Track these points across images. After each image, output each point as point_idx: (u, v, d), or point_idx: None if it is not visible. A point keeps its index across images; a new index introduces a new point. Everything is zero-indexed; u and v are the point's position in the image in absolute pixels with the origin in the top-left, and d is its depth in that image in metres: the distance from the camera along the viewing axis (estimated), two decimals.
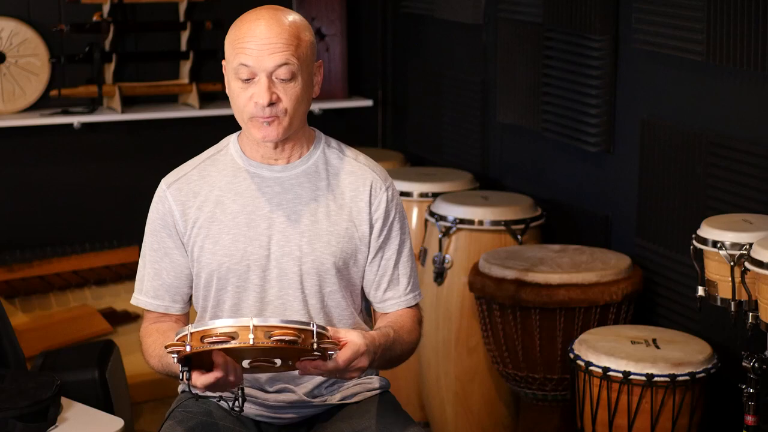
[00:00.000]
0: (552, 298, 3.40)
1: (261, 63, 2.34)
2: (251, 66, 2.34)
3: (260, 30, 2.34)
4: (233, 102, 2.42)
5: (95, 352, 3.67)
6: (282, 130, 2.39)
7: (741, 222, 2.93)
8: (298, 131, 2.47)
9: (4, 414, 2.90)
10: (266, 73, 2.34)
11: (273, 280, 2.47)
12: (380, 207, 2.51)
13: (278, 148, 2.48)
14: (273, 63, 2.34)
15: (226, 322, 2.15)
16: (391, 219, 2.52)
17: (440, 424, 3.91)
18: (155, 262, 2.52)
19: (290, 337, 2.13)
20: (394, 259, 2.53)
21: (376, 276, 2.53)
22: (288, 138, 2.46)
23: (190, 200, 2.49)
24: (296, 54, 2.35)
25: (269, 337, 2.13)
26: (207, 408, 2.52)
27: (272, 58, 2.34)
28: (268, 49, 2.33)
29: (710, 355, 3.12)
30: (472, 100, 4.43)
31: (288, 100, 2.37)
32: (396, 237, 2.53)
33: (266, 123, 2.38)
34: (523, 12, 4.05)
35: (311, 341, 2.16)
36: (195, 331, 2.15)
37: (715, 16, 3.19)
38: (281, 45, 2.34)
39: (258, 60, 2.34)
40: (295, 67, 2.35)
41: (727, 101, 3.27)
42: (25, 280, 4.47)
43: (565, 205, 3.99)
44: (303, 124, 2.48)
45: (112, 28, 4.49)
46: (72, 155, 4.60)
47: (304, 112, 2.43)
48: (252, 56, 2.34)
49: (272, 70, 2.34)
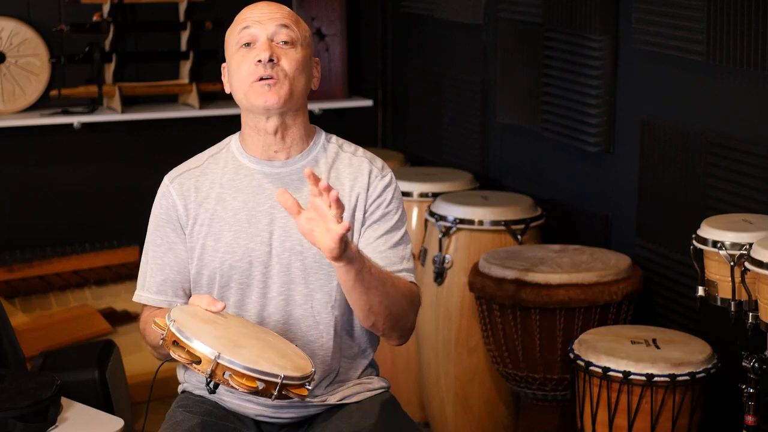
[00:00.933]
0: (552, 298, 3.40)
1: (262, 26, 2.46)
2: (253, 28, 2.46)
3: (261, 5, 2.51)
4: (235, 77, 2.47)
5: (95, 352, 3.67)
6: (283, 95, 2.43)
7: (741, 222, 2.93)
8: (298, 117, 2.49)
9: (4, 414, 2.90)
10: (267, 35, 2.45)
11: (275, 275, 2.48)
12: (376, 191, 2.52)
13: (278, 134, 2.48)
14: (274, 24, 2.46)
15: (202, 342, 2.16)
16: (388, 202, 2.52)
17: (440, 424, 3.91)
18: (158, 257, 2.53)
19: (245, 388, 2.14)
20: (390, 241, 2.50)
21: (370, 257, 2.43)
22: (288, 125, 2.48)
23: (192, 195, 2.51)
24: (296, 26, 2.48)
25: (226, 376, 2.14)
26: (207, 408, 2.52)
27: (273, 21, 2.46)
28: (269, 16, 2.47)
29: (710, 355, 3.12)
30: (472, 100, 4.43)
31: (288, 62, 2.44)
32: (392, 220, 2.51)
33: (267, 86, 2.43)
34: (523, 12, 4.05)
35: (272, 392, 2.17)
36: (174, 332, 2.18)
37: (715, 16, 3.19)
38: (282, 14, 2.48)
39: (260, 23, 2.46)
40: (295, 35, 2.47)
41: (727, 101, 3.27)
42: (25, 280, 4.47)
43: (565, 205, 3.99)
44: (303, 111, 2.51)
45: (112, 28, 4.49)
46: (72, 155, 4.59)
47: (304, 87, 2.48)
48: (254, 20, 2.47)
49: (274, 31, 2.46)
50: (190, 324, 2.23)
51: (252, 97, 2.44)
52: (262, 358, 2.21)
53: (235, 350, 2.20)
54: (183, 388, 2.61)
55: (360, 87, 5.03)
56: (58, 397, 3.05)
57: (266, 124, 2.48)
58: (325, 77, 4.82)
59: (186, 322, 2.23)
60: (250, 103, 2.45)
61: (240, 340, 2.25)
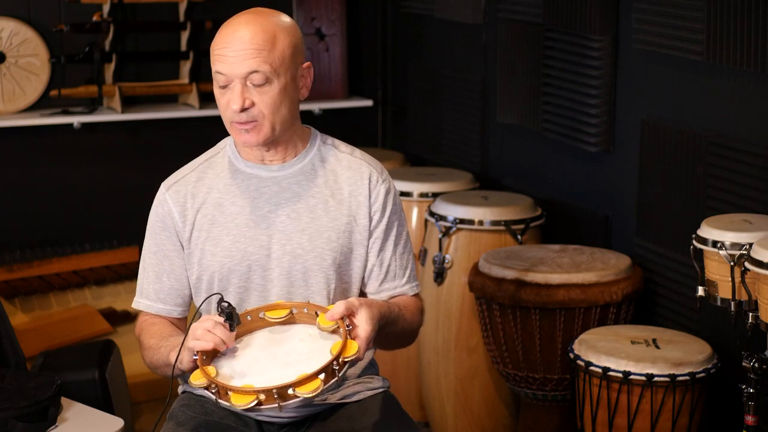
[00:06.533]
0: (552, 298, 3.40)
1: (233, 69, 2.38)
2: (225, 73, 2.40)
3: (235, 36, 2.39)
4: (219, 109, 2.46)
5: (95, 352, 3.67)
6: (263, 135, 2.43)
7: (741, 222, 2.93)
8: (287, 132, 2.48)
9: (4, 414, 2.90)
10: (240, 78, 2.39)
11: (275, 279, 2.48)
12: (378, 199, 2.53)
13: (270, 150, 2.50)
14: (244, 69, 2.38)
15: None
16: (390, 210, 2.54)
17: (440, 424, 3.91)
18: (155, 265, 2.54)
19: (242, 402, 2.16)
20: (392, 249, 2.55)
21: (375, 267, 2.54)
22: (278, 140, 2.48)
23: (188, 202, 2.51)
24: (269, 59, 2.38)
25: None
26: (208, 408, 2.52)
27: (243, 65, 2.38)
28: (240, 56, 2.38)
29: (710, 355, 3.12)
30: (472, 100, 4.43)
31: (263, 104, 2.40)
32: (394, 228, 2.55)
33: (245, 130, 2.42)
34: (523, 12, 4.05)
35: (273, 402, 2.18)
36: (225, 386, 2.19)
37: (715, 16, 3.19)
38: (252, 51, 2.38)
39: (231, 67, 2.39)
40: (268, 71, 2.38)
41: (727, 101, 3.27)
42: (25, 280, 4.47)
43: (565, 205, 3.99)
44: (291, 126, 2.49)
45: (112, 28, 4.49)
46: (72, 155, 4.59)
47: (287, 115, 2.44)
48: (226, 63, 2.39)
49: (244, 76, 2.38)
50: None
51: (234, 134, 2.46)
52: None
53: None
54: (184, 388, 2.61)
55: (360, 87, 5.03)
56: (58, 397, 3.04)
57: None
58: (325, 77, 4.82)
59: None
60: (234, 137, 2.48)
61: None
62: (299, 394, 2.15)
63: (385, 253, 2.54)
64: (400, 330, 2.50)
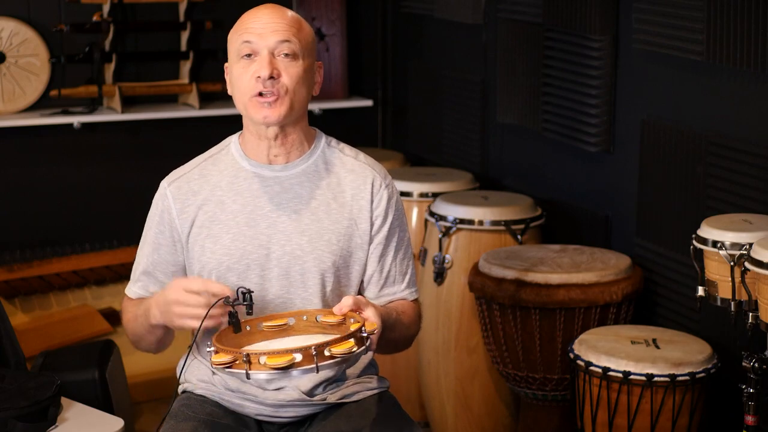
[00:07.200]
0: (552, 298, 3.40)
1: (263, 39, 2.41)
2: (254, 42, 2.41)
3: (263, 14, 2.44)
4: (236, 88, 2.46)
5: (95, 352, 3.67)
6: (283, 110, 2.42)
7: (741, 222, 2.93)
8: (299, 122, 2.49)
9: (4, 414, 2.90)
10: (268, 48, 2.41)
11: (274, 279, 2.48)
12: (381, 204, 2.53)
13: (278, 139, 2.49)
14: (275, 39, 2.41)
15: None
16: (392, 216, 2.55)
17: (440, 424, 3.91)
18: (147, 255, 2.57)
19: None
20: (392, 255, 2.55)
21: (375, 272, 2.55)
22: (288, 132, 2.48)
23: (189, 199, 2.51)
24: (298, 36, 2.43)
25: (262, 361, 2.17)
26: (208, 408, 2.52)
27: (274, 35, 2.41)
28: (271, 28, 2.42)
29: (710, 355, 3.12)
30: (472, 100, 4.43)
31: (289, 77, 2.41)
32: (395, 234, 2.56)
33: (267, 104, 2.41)
34: (523, 12, 4.05)
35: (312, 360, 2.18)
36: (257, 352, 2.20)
37: (715, 16, 3.19)
38: (284, 25, 2.42)
39: (261, 36, 2.41)
40: (297, 47, 2.42)
41: (727, 101, 3.27)
42: (25, 280, 4.46)
43: (565, 205, 3.99)
44: (303, 116, 2.50)
45: (112, 28, 4.49)
46: (72, 155, 4.59)
47: (304, 100, 2.46)
48: (255, 33, 2.42)
49: (274, 46, 2.41)
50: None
51: (251, 111, 2.44)
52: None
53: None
54: (183, 388, 2.61)
55: (360, 87, 5.03)
56: (58, 397, 3.04)
57: (267, 131, 2.48)
58: (325, 77, 4.81)
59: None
60: (250, 115, 2.46)
61: None
62: (335, 352, 2.16)
63: (386, 258, 2.55)
64: (398, 335, 2.51)
